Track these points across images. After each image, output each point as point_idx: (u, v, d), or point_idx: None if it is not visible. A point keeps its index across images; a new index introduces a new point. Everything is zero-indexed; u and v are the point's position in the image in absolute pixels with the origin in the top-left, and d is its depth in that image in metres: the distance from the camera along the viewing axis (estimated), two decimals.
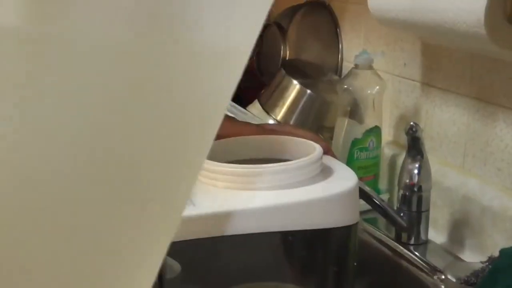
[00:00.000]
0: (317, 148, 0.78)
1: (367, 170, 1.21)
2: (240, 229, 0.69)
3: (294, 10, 1.45)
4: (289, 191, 0.72)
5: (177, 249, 0.61)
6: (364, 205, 1.03)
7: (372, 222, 1.15)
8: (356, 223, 0.75)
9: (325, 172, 0.77)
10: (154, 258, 0.45)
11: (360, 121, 1.21)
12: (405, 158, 1.07)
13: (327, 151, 0.84)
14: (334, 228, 0.73)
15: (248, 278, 0.75)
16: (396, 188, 1.09)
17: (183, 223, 0.62)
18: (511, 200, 0.98)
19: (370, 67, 1.20)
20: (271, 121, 1.32)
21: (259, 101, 1.39)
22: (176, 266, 0.70)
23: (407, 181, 1.06)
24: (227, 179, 0.72)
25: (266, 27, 1.22)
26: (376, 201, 1.03)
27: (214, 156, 0.77)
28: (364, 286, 1.10)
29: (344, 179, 0.76)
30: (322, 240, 0.74)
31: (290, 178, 0.73)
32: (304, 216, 0.72)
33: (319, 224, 0.72)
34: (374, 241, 1.12)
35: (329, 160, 0.81)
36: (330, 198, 0.73)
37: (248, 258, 0.74)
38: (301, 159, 0.75)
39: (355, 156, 1.20)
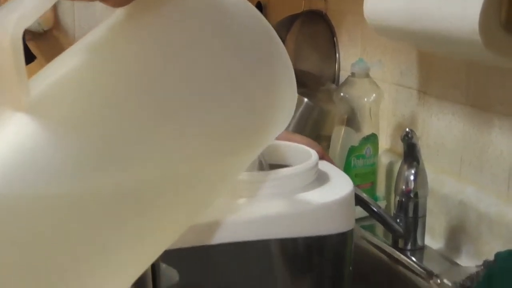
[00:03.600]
0: (313, 154, 0.78)
1: (364, 178, 1.22)
2: (235, 237, 0.69)
3: (291, 19, 1.46)
4: (284, 198, 0.72)
5: (174, 257, 0.65)
6: (361, 212, 1.03)
7: (370, 229, 1.16)
8: (352, 230, 0.75)
9: (321, 179, 0.77)
10: None
11: (357, 129, 1.22)
12: (401, 165, 1.08)
13: (322, 156, 0.85)
14: (330, 235, 0.73)
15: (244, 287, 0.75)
16: (393, 195, 1.10)
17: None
18: (508, 207, 0.99)
19: (367, 75, 1.21)
20: None
21: None
22: (174, 274, 0.71)
23: (404, 187, 1.07)
24: None
25: None
26: (373, 208, 1.03)
27: None
28: None
29: (339, 185, 0.76)
30: (318, 247, 0.74)
31: (286, 185, 0.73)
32: (300, 224, 0.71)
33: (315, 231, 0.72)
34: (372, 248, 1.13)
35: (325, 166, 0.81)
36: (326, 206, 0.72)
37: (243, 266, 0.73)
38: (297, 166, 0.75)
39: (352, 163, 1.21)
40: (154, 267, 0.69)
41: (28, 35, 1.39)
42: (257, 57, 0.56)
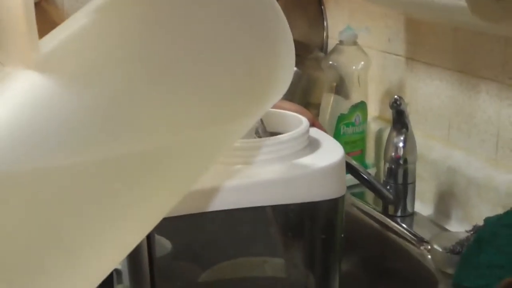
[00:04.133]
0: (304, 121, 0.78)
1: (353, 145, 1.23)
2: (229, 203, 0.70)
3: None
4: (276, 165, 0.73)
5: (169, 225, 0.63)
6: (351, 179, 1.05)
7: (360, 196, 1.17)
8: (343, 196, 0.76)
9: (312, 145, 0.78)
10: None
11: (346, 96, 1.22)
12: (390, 132, 1.08)
13: (313, 123, 0.85)
14: (321, 201, 0.73)
15: (237, 253, 0.76)
16: (383, 162, 1.11)
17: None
18: (495, 171, 1.00)
19: (354, 43, 1.22)
20: None
21: None
22: (167, 244, 0.72)
23: (393, 154, 1.08)
24: None
25: None
26: (363, 175, 1.06)
27: None
28: (353, 259, 1.11)
29: (330, 152, 0.77)
30: (310, 213, 0.75)
31: (278, 152, 0.73)
32: (292, 190, 0.72)
33: (307, 197, 0.73)
34: (362, 215, 1.13)
35: (316, 132, 0.82)
36: (318, 172, 0.73)
37: (236, 233, 0.74)
38: (288, 133, 0.75)
39: (342, 131, 1.22)
40: (149, 237, 0.69)
41: None
42: (257, 19, 0.56)
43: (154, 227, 0.60)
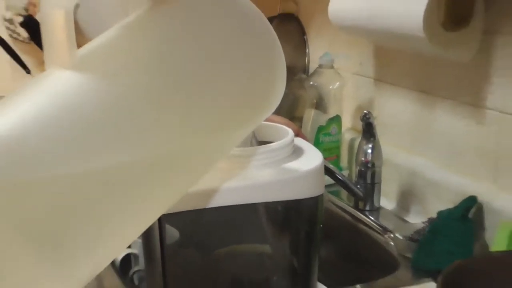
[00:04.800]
0: (290, 132, 0.81)
1: (330, 152, 1.30)
2: (227, 201, 0.73)
3: (268, 21, 1.54)
4: (267, 169, 0.76)
5: (176, 219, 0.72)
6: (328, 180, 1.12)
7: (335, 193, 1.23)
8: (322, 194, 0.78)
9: (297, 152, 0.80)
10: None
11: (324, 111, 1.29)
12: (360, 140, 1.15)
13: (298, 134, 0.89)
14: (304, 198, 0.76)
15: (233, 241, 0.79)
16: (354, 165, 1.18)
17: (183, 197, 0.61)
18: (448, 173, 1.07)
19: (331, 67, 1.29)
20: None
21: None
22: (175, 233, 0.75)
23: (363, 159, 1.15)
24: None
25: None
26: (338, 176, 1.12)
27: None
28: (330, 246, 1.16)
29: (312, 158, 0.79)
30: (295, 209, 0.77)
31: (268, 158, 0.76)
32: (280, 190, 0.74)
33: (292, 196, 0.75)
34: (337, 209, 1.20)
35: (300, 142, 0.84)
36: (301, 175, 0.75)
37: (233, 225, 0.77)
38: (277, 142, 0.77)
39: (320, 140, 1.29)
40: (161, 227, 0.73)
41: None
42: (260, 46, 0.59)
43: (165, 220, 0.66)
